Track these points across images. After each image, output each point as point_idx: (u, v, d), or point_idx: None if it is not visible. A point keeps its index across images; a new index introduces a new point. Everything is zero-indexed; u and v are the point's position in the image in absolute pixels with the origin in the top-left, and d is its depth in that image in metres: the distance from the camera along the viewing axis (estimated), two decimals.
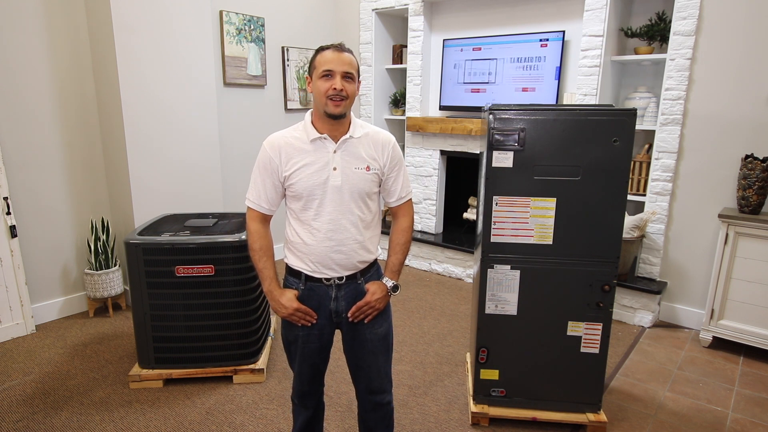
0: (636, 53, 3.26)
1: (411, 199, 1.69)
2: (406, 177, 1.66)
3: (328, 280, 1.58)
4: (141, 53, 3.10)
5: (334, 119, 1.50)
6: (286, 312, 1.58)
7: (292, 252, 1.61)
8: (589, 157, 1.97)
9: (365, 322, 1.63)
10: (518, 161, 2.01)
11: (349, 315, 1.61)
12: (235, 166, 4.02)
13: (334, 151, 1.52)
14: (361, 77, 4.58)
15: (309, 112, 1.58)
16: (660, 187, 3.21)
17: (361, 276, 1.62)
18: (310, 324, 1.61)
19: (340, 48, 1.49)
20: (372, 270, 1.66)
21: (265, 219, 1.62)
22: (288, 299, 1.57)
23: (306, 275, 1.59)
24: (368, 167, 1.55)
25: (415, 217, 4.47)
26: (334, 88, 1.45)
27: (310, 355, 1.66)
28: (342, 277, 1.59)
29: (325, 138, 1.52)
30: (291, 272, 1.63)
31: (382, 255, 1.67)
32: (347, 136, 1.53)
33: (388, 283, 1.64)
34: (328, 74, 1.46)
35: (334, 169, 1.51)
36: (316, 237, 1.54)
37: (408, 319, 3.34)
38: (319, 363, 1.70)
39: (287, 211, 1.62)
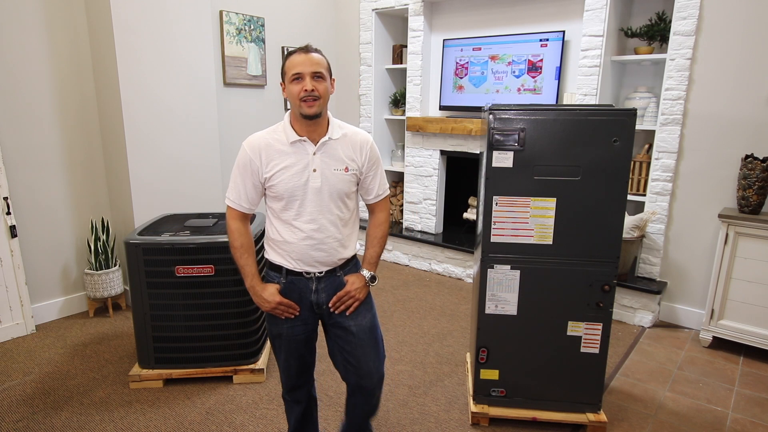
0: (636, 53, 3.26)
1: (387, 195, 1.74)
2: (383, 175, 1.72)
3: (308, 273, 1.63)
4: (141, 53, 3.10)
5: (311, 119, 1.53)
6: (269, 306, 1.63)
7: (273, 249, 1.65)
8: (589, 157, 1.97)
9: (347, 314, 1.66)
10: (518, 161, 2.01)
11: (330, 305, 1.64)
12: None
13: (314, 153, 1.56)
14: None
15: (287, 113, 1.61)
16: (660, 187, 3.21)
17: (340, 270, 1.66)
18: (293, 316, 1.65)
19: (306, 50, 1.53)
20: (350, 264, 1.70)
21: (245, 217, 1.66)
22: (270, 294, 1.62)
23: (287, 269, 1.63)
24: (347, 168, 1.59)
25: (414, 217, 4.49)
26: (305, 90, 1.48)
27: (296, 347, 1.70)
28: (322, 272, 1.63)
29: (304, 140, 1.56)
30: (272, 267, 1.67)
31: (360, 251, 1.73)
32: (326, 138, 1.57)
33: (366, 274, 1.69)
34: (298, 77, 1.50)
35: (314, 170, 1.55)
36: (298, 236, 1.58)
37: (408, 319, 3.34)
38: (305, 354, 1.74)
39: (267, 210, 1.66)
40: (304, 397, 1.82)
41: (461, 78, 3.99)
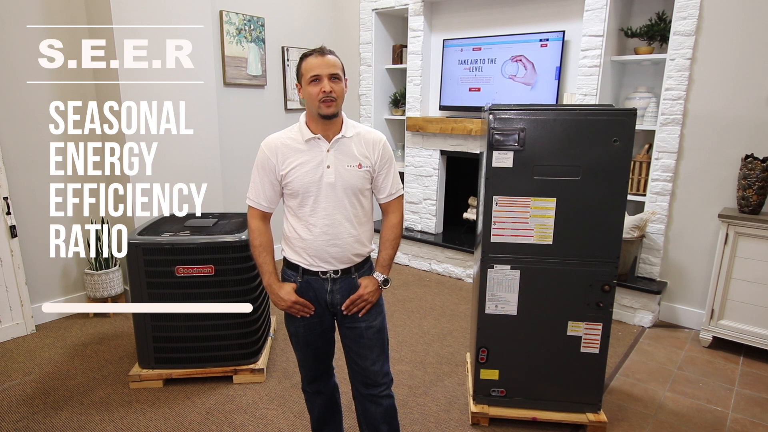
0: (636, 53, 3.26)
1: (401, 196, 1.75)
2: (396, 174, 1.72)
3: (324, 273, 1.64)
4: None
5: (328, 119, 1.57)
6: (285, 305, 1.65)
7: (290, 247, 1.68)
8: (589, 157, 1.97)
9: (359, 315, 1.68)
10: (518, 161, 2.01)
11: (343, 308, 1.66)
12: (235, 165, 4.02)
13: (328, 150, 1.59)
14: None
15: (303, 114, 1.65)
16: (660, 187, 3.21)
17: (355, 271, 1.68)
18: (308, 315, 1.68)
19: (322, 52, 1.56)
20: (365, 266, 1.72)
21: (265, 217, 1.69)
22: (286, 292, 1.64)
23: (303, 268, 1.65)
24: (360, 165, 1.62)
25: (414, 217, 4.49)
26: (324, 91, 1.52)
27: (313, 341, 1.73)
28: (338, 271, 1.65)
29: (318, 138, 1.59)
30: (289, 265, 1.69)
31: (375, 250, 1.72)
32: (340, 135, 1.60)
33: (379, 277, 1.70)
34: (316, 79, 1.53)
35: (328, 167, 1.58)
36: (313, 232, 1.61)
37: (408, 319, 3.34)
38: (322, 345, 1.76)
39: (285, 209, 1.69)
40: (325, 387, 1.85)
41: (461, 78, 3.99)
